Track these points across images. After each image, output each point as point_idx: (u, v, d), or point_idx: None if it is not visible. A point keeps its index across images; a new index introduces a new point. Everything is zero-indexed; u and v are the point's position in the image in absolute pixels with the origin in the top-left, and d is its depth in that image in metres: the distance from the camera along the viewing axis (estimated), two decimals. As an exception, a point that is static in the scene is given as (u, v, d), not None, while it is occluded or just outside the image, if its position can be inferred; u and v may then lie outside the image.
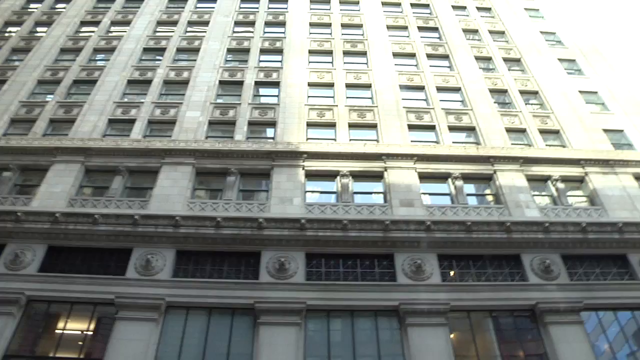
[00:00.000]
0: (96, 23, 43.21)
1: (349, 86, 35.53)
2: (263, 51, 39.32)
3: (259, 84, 35.91)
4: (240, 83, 35.62)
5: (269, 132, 32.17)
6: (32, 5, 46.76)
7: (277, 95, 34.70)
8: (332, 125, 32.05)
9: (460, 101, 34.75)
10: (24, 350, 22.71)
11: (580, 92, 35.70)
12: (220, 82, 35.68)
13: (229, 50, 39.29)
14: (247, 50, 39.20)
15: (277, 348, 21.46)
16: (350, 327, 22.83)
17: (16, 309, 23.08)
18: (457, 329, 23.15)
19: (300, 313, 22.57)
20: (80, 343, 22.99)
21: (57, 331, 23.56)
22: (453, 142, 30.91)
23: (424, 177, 28.57)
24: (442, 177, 28.87)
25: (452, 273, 24.71)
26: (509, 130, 32.14)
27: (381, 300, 23.27)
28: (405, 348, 21.93)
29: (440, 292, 23.50)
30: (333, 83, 35.65)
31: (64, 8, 45.50)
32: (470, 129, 32.32)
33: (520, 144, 31.33)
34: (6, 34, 42.53)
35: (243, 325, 22.82)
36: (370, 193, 28.20)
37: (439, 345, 21.75)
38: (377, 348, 22.20)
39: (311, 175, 28.65)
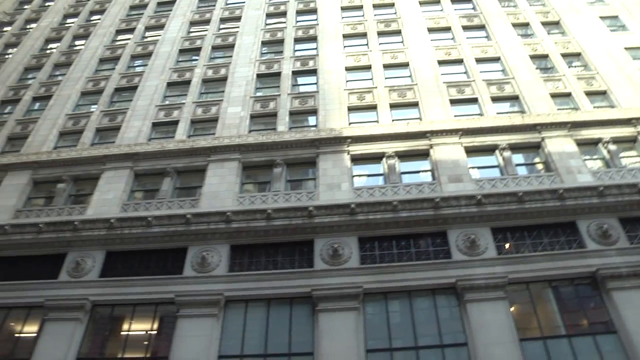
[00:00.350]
0: (131, 30, 43.94)
1: (386, 66, 35.19)
2: (297, 40, 39.30)
3: (296, 73, 35.93)
4: (277, 74, 35.69)
5: (311, 120, 32.17)
6: (68, 21, 47.82)
7: (315, 83, 34.65)
8: (373, 107, 31.85)
9: (500, 71, 34.05)
10: (93, 353, 23.45)
11: (626, 49, 34.45)
12: (258, 76, 35.81)
13: (264, 43, 39.39)
14: (281, 41, 39.25)
15: (337, 334, 21.55)
16: (409, 308, 22.72)
17: (82, 314, 23.86)
18: (516, 302, 22.78)
19: (357, 297, 22.58)
20: (145, 343, 23.58)
21: (122, 333, 24.20)
22: (497, 113, 30.28)
23: (471, 151, 28.13)
24: (489, 150, 28.37)
25: (507, 246, 24.28)
26: (553, 95, 31.32)
27: (437, 279, 23.07)
28: (465, 324, 21.72)
29: (496, 266, 23.12)
30: (370, 65, 35.38)
31: (98, 19, 46.41)
32: (514, 98, 31.65)
33: (567, 109, 30.50)
34: (47, 51, 43.63)
35: (302, 313, 22.96)
36: (418, 172, 27.92)
37: (500, 319, 21.44)
38: (438, 327, 22.03)
39: (357, 160, 28.54)
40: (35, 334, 24.14)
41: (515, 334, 21.07)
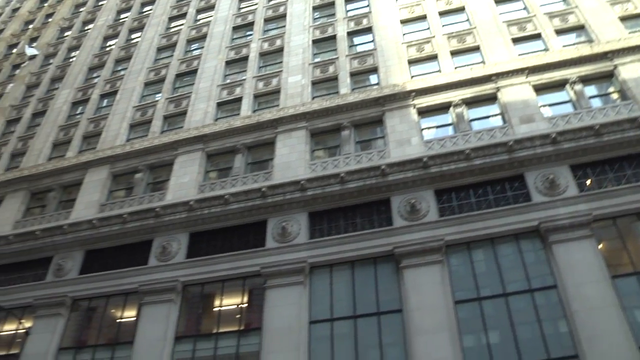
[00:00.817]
0: (183, 15, 44.48)
1: (442, 14, 34.20)
2: (348, 0, 38.71)
3: (351, 33, 35.49)
4: (333, 37, 35.41)
5: (373, 78, 31.80)
6: (122, 16, 48.80)
7: (372, 41, 34.14)
8: (433, 57, 31.13)
9: (562, 1, 32.48)
10: (189, 331, 24.46)
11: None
12: (314, 42, 35.66)
13: (314, 8, 39.06)
14: (332, 4, 38.75)
15: (423, 288, 21.53)
16: (493, 256, 22.38)
17: (175, 295, 24.88)
18: (604, 239, 21.96)
19: (440, 250, 22.43)
20: (238, 316, 24.34)
21: (214, 309, 25.08)
22: (563, 46, 28.94)
23: (540, 89, 27.11)
24: (559, 85, 27.24)
25: (588, 182, 23.34)
26: (623, 18, 29.50)
27: (519, 223, 22.52)
28: (552, 266, 21.16)
29: (579, 204, 22.27)
30: (425, 15, 34.49)
31: (150, 10, 47.16)
32: (579, 28, 30.13)
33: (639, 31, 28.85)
34: (107, 48, 44.84)
35: (386, 272, 23.03)
36: (487, 117, 27.18)
37: (588, 258, 20.77)
38: (524, 271, 21.59)
39: (424, 112, 28.07)
40: (134, 318, 25.40)
41: (605, 271, 20.37)
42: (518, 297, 21.07)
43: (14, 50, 51.49)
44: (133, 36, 45.09)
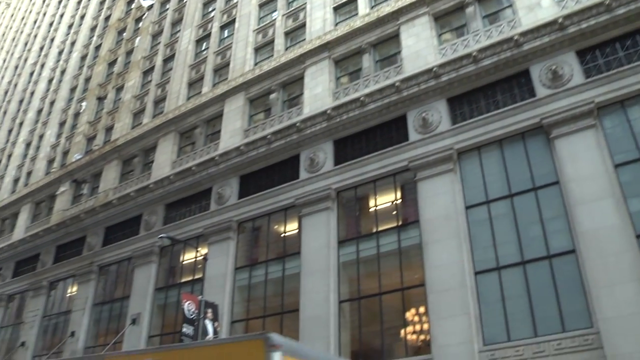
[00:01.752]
0: None
1: None
2: None
3: None
4: None
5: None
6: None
7: None
8: None
9: None
10: (350, 234, 25.33)
11: None
12: None
13: None
14: None
15: (579, 156, 20.33)
16: (648, 112, 20.62)
17: (330, 203, 25.73)
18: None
19: (592, 114, 20.84)
20: (394, 213, 24.65)
21: (370, 210, 25.57)
22: None
23: None
24: None
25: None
26: None
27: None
28: None
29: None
30: None
31: None
32: None
33: None
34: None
35: (537, 145, 22.02)
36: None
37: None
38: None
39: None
40: (296, 230, 26.66)
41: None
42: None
43: (132, 6, 53.47)
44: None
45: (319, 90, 28.82)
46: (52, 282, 39.99)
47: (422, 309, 21.71)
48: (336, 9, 32.52)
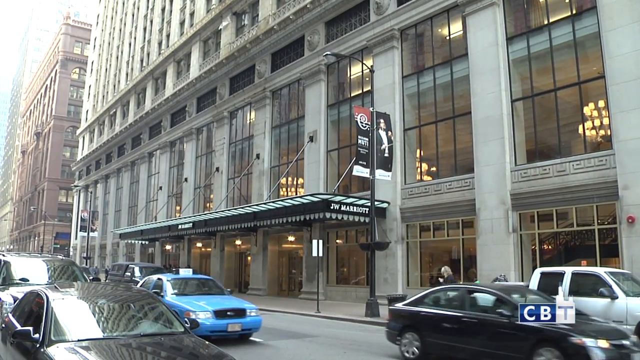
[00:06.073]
0: None
1: None
2: None
3: None
4: None
5: None
6: None
7: None
8: None
9: None
10: (519, 29, 24.55)
11: None
12: None
13: None
14: None
15: None
16: None
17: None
18: None
19: None
20: (567, 1, 22.94)
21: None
22: None
23: None
24: None
25: None
26: None
27: None
28: None
29: None
30: None
31: None
32: None
33: None
34: None
35: None
36: None
37: None
38: None
39: None
40: (461, 31, 26.10)
41: None
42: None
43: None
44: None
45: None
46: (231, 112, 43.24)
47: (601, 103, 20.82)
48: None
